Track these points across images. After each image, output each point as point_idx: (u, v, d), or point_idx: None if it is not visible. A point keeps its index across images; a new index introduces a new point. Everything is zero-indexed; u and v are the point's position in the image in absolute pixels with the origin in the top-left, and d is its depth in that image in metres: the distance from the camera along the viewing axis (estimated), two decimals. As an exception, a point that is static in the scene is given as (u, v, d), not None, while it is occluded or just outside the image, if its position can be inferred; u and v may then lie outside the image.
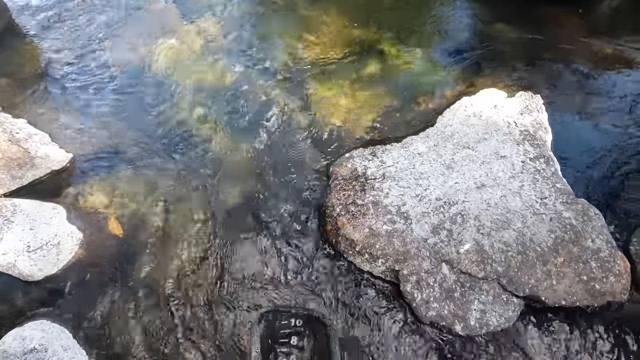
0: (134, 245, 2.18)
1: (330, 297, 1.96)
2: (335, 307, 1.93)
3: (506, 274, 1.87)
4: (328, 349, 1.57)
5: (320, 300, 1.95)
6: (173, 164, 2.50)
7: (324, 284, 1.99)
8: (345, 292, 1.97)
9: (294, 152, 2.54)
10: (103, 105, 2.81)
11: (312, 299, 1.95)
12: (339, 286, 1.98)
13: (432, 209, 2.07)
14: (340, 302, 1.94)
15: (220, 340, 1.89)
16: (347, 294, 1.96)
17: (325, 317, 1.72)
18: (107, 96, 2.87)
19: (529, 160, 2.27)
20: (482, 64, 3.02)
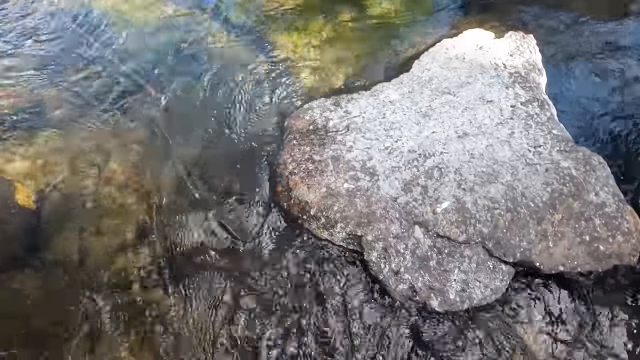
0: (46, 220, 1.80)
1: (280, 273, 1.60)
2: (287, 284, 1.58)
3: (493, 235, 1.52)
4: None
5: (268, 277, 1.59)
6: (106, 125, 2.10)
7: (273, 257, 1.63)
8: (299, 265, 1.61)
9: (250, 106, 2.18)
10: (28, 55, 2.38)
11: (258, 277, 1.59)
12: (290, 259, 1.62)
13: (403, 163, 1.71)
14: (292, 278, 1.59)
15: (147, 326, 1.54)
16: (301, 268, 1.61)
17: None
18: (33, 45, 2.44)
19: (520, 104, 1.90)
20: (467, 5, 2.66)
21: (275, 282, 1.58)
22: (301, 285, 1.58)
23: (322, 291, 1.56)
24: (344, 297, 1.55)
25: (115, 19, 2.60)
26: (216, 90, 2.25)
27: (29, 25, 2.56)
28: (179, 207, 1.85)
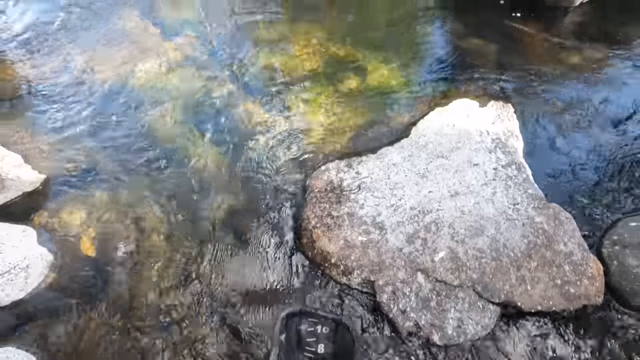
0: (106, 266, 2.14)
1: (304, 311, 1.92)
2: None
3: (481, 280, 1.87)
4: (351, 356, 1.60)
5: (297, 315, 1.92)
6: (149, 183, 2.48)
7: (300, 298, 1.96)
8: (323, 305, 1.94)
9: (273, 166, 2.55)
10: (79, 125, 2.80)
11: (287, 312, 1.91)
12: (315, 300, 1.95)
13: (406, 218, 2.08)
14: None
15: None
16: (324, 307, 1.93)
17: (351, 325, 1.75)
18: (83, 116, 2.86)
19: (501, 167, 2.30)
20: (456, 76, 3.10)
21: (303, 320, 1.90)
22: (324, 322, 1.90)
23: (342, 328, 1.88)
24: (360, 332, 1.86)
25: (149, 90, 3.03)
26: (241, 150, 2.63)
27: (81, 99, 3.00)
28: (215, 254, 2.19)
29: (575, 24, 3.50)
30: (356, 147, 2.64)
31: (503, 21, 3.49)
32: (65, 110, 2.91)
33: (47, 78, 3.11)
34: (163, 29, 3.48)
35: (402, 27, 3.55)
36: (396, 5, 3.75)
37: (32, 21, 3.55)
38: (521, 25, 3.46)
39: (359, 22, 3.55)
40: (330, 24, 3.48)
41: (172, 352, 1.88)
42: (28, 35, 3.40)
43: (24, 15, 3.59)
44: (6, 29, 3.47)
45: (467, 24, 3.53)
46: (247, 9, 3.62)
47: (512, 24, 3.47)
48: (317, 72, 3.16)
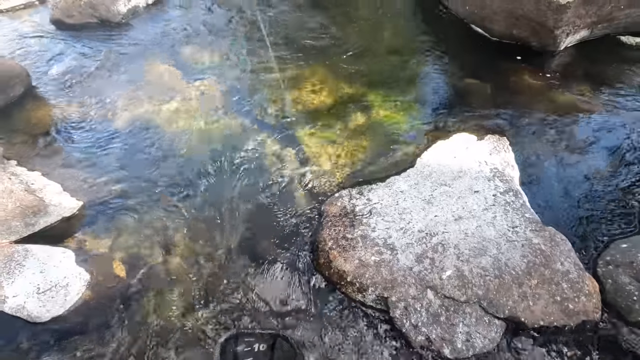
0: (136, 287, 2.31)
1: (324, 327, 2.07)
2: (330, 336, 2.04)
3: (486, 296, 2.03)
4: None
5: (316, 330, 2.06)
6: (174, 211, 2.69)
7: (318, 314, 2.11)
8: (339, 321, 2.09)
9: (290, 195, 2.77)
10: (111, 158, 3.07)
11: (308, 329, 2.05)
12: (332, 315, 2.10)
13: (415, 240, 2.27)
14: (333, 330, 2.05)
15: None
16: (341, 323, 2.08)
17: (292, 338, 1.87)
18: (115, 150, 3.14)
19: (500, 194, 2.52)
20: (455, 113, 3.39)
21: (321, 334, 2.04)
22: (341, 336, 2.04)
23: (358, 341, 2.01)
24: (376, 346, 2.00)
25: (173, 127, 3.32)
26: (259, 181, 2.86)
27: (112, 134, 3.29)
28: (236, 276, 2.36)
29: (562, 66, 3.85)
30: (366, 176, 2.87)
31: (496, 63, 3.85)
32: (98, 144, 3.19)
33: (82, 115, 3.43)
34: (186, 72, 3.85)
35: (404, 68, 3.91)
36: (397, 49, 4.14)
37: (71, 64, 3.93)
38: (512, 67, 3.82)
39: (366, 64, 3.92)
40: (340, 66, 3.84)
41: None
42: (66, 77, 3.76)
43: (63, 59, 3.98)
44: (47, 71, 3.85)
45: (464, 66, 3.89)
46: (263, 54, 4.01)
47: (504, 66, 3.83)
48: (327, 108, 3.46)
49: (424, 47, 4.16)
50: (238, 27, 4.39)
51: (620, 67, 3.74)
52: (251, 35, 3.86)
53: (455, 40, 4.23)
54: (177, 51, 4.13)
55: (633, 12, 3.77)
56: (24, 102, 3.50)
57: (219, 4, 4.90)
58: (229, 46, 4.19)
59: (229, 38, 4.32)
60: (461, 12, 4.31)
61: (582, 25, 3.71)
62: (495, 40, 4.07)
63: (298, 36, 4.28)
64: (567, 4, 3.45)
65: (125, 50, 4.16)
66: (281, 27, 4.45)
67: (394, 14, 4.75)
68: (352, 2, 4.94)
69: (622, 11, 3.72)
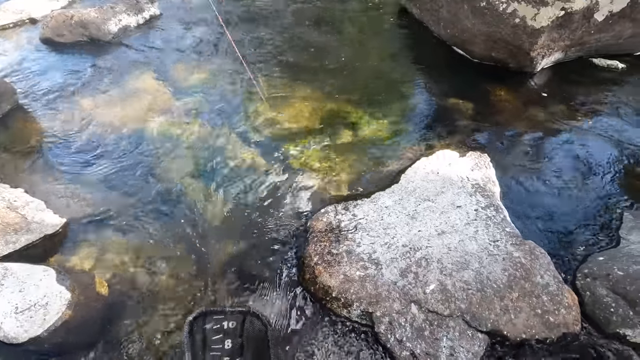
0: (119, 305, 2.27)
1: (309, 343, 2.06)
2: (315, 352, 2.03)
3: (469, 310, 2.05)
4: (266, 349, 1.69)
5: (302, 346, 2.05)
6: (159, 228, 2.68)
7: (303, 330, 2.10)
8: (324, 336, 2.08)
9: (276, 211, 2.79)
10: (96, 176, 3.05)
11: (293, 346, 2.04)
12: (317, 331, 2.10)
13: (399, 255, 2.30)
14: (319, 346, 2.04)
15: None
16: (326, 339, 2.07)
17: (262, 315, 1.86)
18: (100, 167, 3.13)
19: (481, 208, 2.58)
20: (438, 130, 3.50)
21: (306, 350, 2.03)
22: (327, 352, 2.03)
23: (344, 357, 2.01)
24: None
25: (159, 143, 3.34)
26: (245, 197, 2.87)
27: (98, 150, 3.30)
28: (221, 292, 2.34)
29: (539, 86, 4.03)
30: (351, 192, 2.92)
31: (477, 83, 4.01)
32: (83, 160, 3.18)
33: (68, 132, 3.42)
34: (174, 90, 3.90)
35: (389, 87, 4.04)
36: (383, 69, 4.27)
37: (59, 81, 3.95)
38: (492, 87, 3.98)
39: (349, 83, 4.03)
40: (326, 85, 3.94)
41: None
42: (53, 94, 3.77)
43: (51, 76, 4.00)
44: (32, 85, 3.85)
45: (447, 86, 4.04)
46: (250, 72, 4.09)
47: (485, 86, 3.98)
48: (314, 126, 3.52)
49: (408, 67, 4.31)
50: (228, 46, 4.48)
51: (593, 88, 3.93)
52: (240, 53, 3.95)
53: (439, 61, 4.40)
54: (166, 69, 4.19)
55: (602, 37, 3.99)
56: (10, 119, 3.49)
57: (207, 23, 5.02)
58: (218, 64, 4.27)
59: (218, 56, 4.41)
60: (443, 35, 4.49)
61: (556, 48, 3.90)
62: (476, 61, 4.25)
63: (286, 55, 4.39)
64: (540, 29, 3.64)
65: (114, 67, 4.20)
66: (269, 46, 4.57)
67: (380, 36, 4.93)
68: (338, 24, 5.11)
69: (592, 36, 3.94)
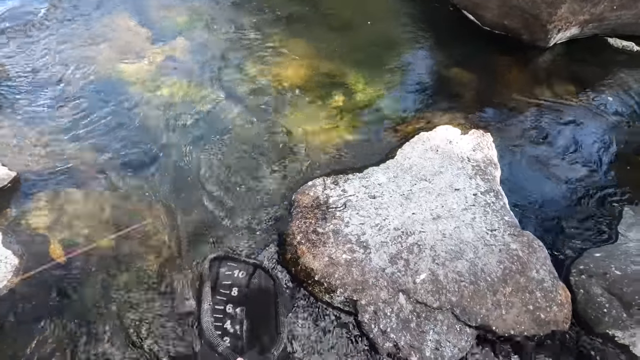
0: (77, 274, 2.03)
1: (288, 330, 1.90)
2: (292, 337, 1.88)
3: (459, 303, 1.92)
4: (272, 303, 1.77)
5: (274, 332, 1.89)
6: (126, 187, 2.40)
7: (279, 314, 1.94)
8: (302, 322, 1.92)
9: (256, 179, 2.53)
10: (56, 123, 2.69)
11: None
12: (296, 316, 1.94)
13: (390, 239, 2.12)
14: (296, 332, 1.89)
15: None
16: (304, 324, 1.92)
17: (272, 271, 1.93)
18: (61, 114, 2.75)
19: (480, 193, 2.40)
20: (439, 103, 3.23)
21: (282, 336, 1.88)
22: (304, 338, 1.88)
23: (321, 345, 1.87)
24: (340, 351, 1.86)
25: (131, 92, 2.96)
26: (224, 159, 2.60)
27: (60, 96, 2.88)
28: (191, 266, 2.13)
29: (549, 62, 3.75)
30: (342, 164, 2.67)
31: (484, 54, 3.69)
32: (42, 107, 2.79)
33: (25, 72, 2.98)
34: (152, 31, 3.43)
35: (389, 51, 3.67)
36: (384, 30, 3.88)
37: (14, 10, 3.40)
38: (501, 60, 3.68)
39: (348, 43, 3.64)
40: (322, 43, 3.54)
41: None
42: (8, 25, 3.25)
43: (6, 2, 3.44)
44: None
45: (452, 54, 3.70)
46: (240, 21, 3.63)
47: (493, 58, 3.68)
48: (304, 86, 3.19)
49: (411, 30, 3.91)
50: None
51: (605, 69, 3.68)
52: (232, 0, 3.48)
53: (445, 26, 4.01)
54: (142, 8, 3.67)
55: (623, 14, 3.70)
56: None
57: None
58: (206, 6, 3.77)
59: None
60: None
61: (574, 22, 3.60)
62: (486, 29, 3.89)
63: (283, 6, 3.91)
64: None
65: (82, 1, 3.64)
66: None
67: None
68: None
69: (614, 12, 3.64)
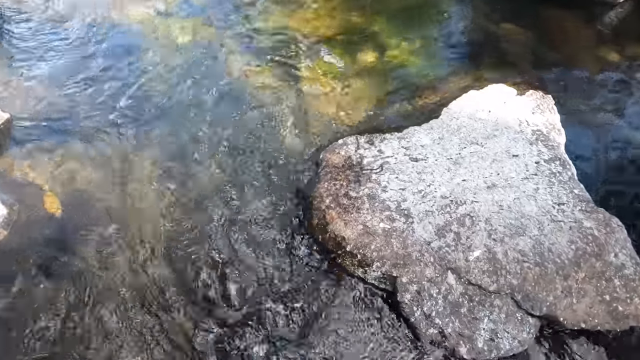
0: (72, 228, 1.78)
1: (310, 307, 1.61)
2: (316, 316, 1.59)
3: (522, 288, 1.59)
4: None
5: (300, 308, 1.60)
6: (130, 137, 2.12)
7: (304, 290, 1.64)
8: (330, 300, 1.63)
9: (280, 136, 2.22)
10: (57, 65, 2.41)
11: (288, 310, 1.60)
12: (322, 293, 1.64)
13: (436, 208, 1.78)
14: (322, 313, 1.60)
15: (162, 341, 1.52)
16: (332, 303, 1.62)
17: None
18: (63, 57, 2.48)
19: (544, 161, 2.02)
20: (487, 61, 2.81)
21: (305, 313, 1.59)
22: (330, 318, 1.59)
23: (350, 327, 1.57)
24: (373, 335, 1.57)
25: (151, 42, 2.64)
26: (243, 115, 2.29)
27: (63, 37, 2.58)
28: (205, 224, 1.85)
29: (617, 20, 3.22)
30: (377, 123, 2.33)
31: (538, 7, 3.19)
32: (43, 47, 2.51)
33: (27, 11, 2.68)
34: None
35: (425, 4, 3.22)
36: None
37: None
38: (558, 14, 3.18)
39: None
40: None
41: (135, 328, 1.54)
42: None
43: None
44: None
45: (499, 8, 3.22)
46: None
47: (548, 12, 3.18)
48: (332, 38, 2.83)
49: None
50: None
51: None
52: None
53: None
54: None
55: None
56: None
57: None
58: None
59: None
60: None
61: (655, -29, 3.04)
62: (544, -20, 3.36)
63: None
64: None
65: None
66: None
67: None
68: None
69: None
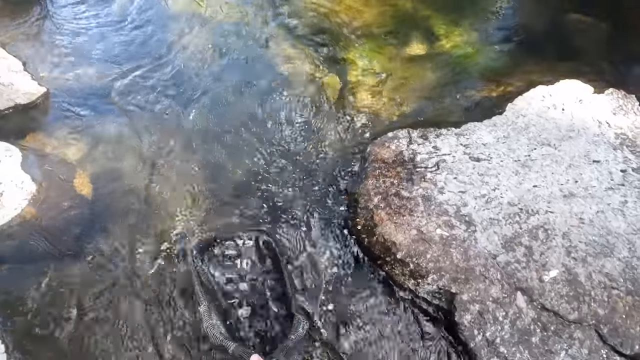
0: (102, 211, 1.67)
1: (351, 318, 1.42)
2: (357, 331, 1.39)
3: (610, 319, 1.32)
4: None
5: (340, 321, 1.41)
6: (168, 119, 2.00)
7: (345, 302, 1.45)
8: (375, 316, 1.42)
9: (325, 128, 2.05)
10: (101, 44, 2.36)
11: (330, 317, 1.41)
12: (366, 306, 1.44)
13: (503, 216, 1.53)
14: (363, 325, 1.40)
15: (188, 325, 1.38)
16: (377, 320, 1.42)
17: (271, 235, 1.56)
18: (104, 35, 2.41)
19: (632, 170, 1.72)
20: (555, 54, 2.52)
21: (346, 327, 1.40)
22: (374, 334, 1.39)
23: (399, 349, 1.37)
24: (423, 359, 1.35)
25: (194, 23, 2.54)
26: (282, 102, 2.14)
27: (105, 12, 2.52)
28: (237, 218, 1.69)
29: None
30: (431, 117, 2.11)
31: (612, -1, 2.84)
32: (87, 22, 2.45)
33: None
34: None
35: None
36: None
37: None
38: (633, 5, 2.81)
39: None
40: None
41: (160, 311, 1.41)
42: None
43: None
44: None
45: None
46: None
47: (628, 2, 2.81)
48: (378, 26, 2.64)
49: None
50: None
51: None
52: None
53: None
54: None
55: None
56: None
57: None
58: None
59: None
60: None
61: None
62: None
63: None
64: None
65: None
66: None
67: None
68: None
69: None
